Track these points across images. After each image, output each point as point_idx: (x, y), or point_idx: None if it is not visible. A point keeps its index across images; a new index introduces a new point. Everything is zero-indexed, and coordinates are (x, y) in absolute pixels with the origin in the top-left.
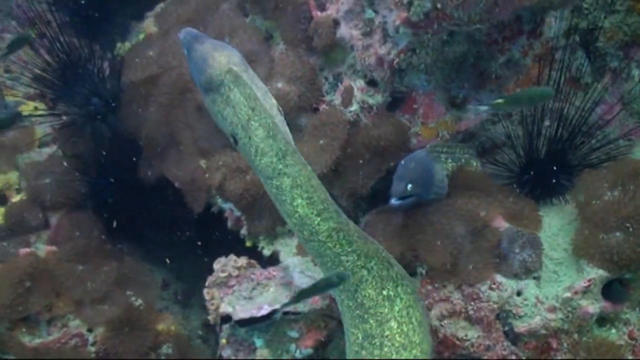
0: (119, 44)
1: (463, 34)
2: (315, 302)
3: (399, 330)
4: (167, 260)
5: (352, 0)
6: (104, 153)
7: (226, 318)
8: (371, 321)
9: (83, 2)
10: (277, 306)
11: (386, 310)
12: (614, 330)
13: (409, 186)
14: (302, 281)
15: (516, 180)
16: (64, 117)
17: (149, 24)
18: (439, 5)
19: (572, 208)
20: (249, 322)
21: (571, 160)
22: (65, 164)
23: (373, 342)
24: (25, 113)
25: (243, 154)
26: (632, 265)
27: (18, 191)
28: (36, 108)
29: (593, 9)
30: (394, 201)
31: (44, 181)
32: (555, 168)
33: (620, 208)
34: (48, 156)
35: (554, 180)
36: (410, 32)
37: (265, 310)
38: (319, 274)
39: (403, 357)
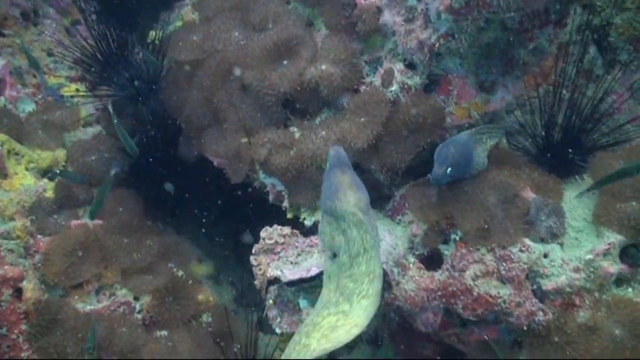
0: (152, 32)
1: (497, 21)
2: None
3: None
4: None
5: None
6: (145, 133)
7: (273, 281)
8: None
9: None
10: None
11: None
12: (630, 290)
13: (449, 170)
14: None
15: (535, 162)
16: (108, 99)
17: (187, 12)
18: None
19: (588, 184)
20: (298, 283)
21: (585, 144)
22: (110, 142)
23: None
24: (69, 94)
25: (330, 266)
26: None
27: (64, 168)
28: (78, 90)
29: (606, 7)
30: (433, 182)
31: (90, 158)
32: (570, 151)
33: (635, 181)
34: (93, 135)
35: (570, 162)
36: (451, 18)
37: (314, 272)
38: None
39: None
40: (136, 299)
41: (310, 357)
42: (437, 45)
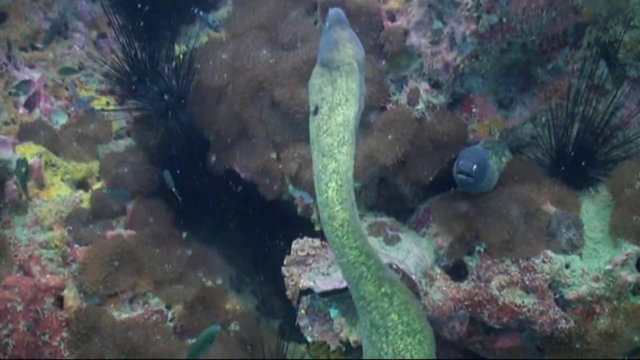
0: (177, 47)
1: (519, 43)
2: None
3: (400, 320)
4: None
5: (422, 13)
6: (174, 146)
7: (305, 292)
8: (374, 313)
9: (139, 5)
10: None
11: (386, 305)
12: None
13: (475, 166)
14: None
15: (550, 174)
16: (138, 113)
17: None
18: (504, 20)
19: (604, 196)
20: (331, 294)
21: (597, 157)
22: (141, 155)
23: (379, 330)
24: (98, 107)
25: (312, 124)
26: None
27: (98, 179)
28: (108, 103)
29: (614, 24)
30: (462, 175)
31: (123, 170)
32: (583, 164)
33: None
34: (125, 147)
35: (584, 174)
36: (476, 41)
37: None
38: (391, 252)
39: (408, 343)
40: (168, 307)
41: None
42: (461, 66)
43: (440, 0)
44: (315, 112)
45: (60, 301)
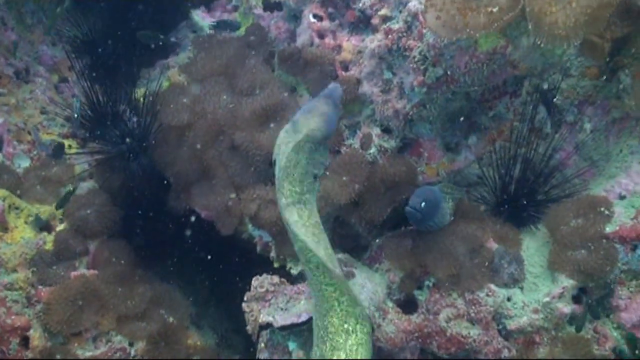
0: (138, 90)
1: (462, 93)
2: None
3: None
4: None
5: (373, 64)
6: (136, 187)
7: (265, 326)
8: (327, 344)
9: (100, 50)
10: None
11: (341, 340)
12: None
13: (423, 204)
14: None
15: (493, 213)
16: (100, 155)
17: (174, 74)
18: (449, 72)
19: (543, 234)
20: (289, 328)
21: (537, 196)
22: (103, 196)
23: None
24: (66, 150)
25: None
26: (594, 275)
27: (61, 221)
28: (70, 146)
29: (552, 73)
30: (409, 208)
31: (86, 212)
32: (525, 202)
33: (584, 232)
34: (88, 190)
35: (524, 212)
36: (423, 91)
37: (304, 317)
38: None
39: None
40: (131, 344)
41: None
42: (410, 114)
43: (390, 52)
44: (274, 164)
45: (25, 341)
